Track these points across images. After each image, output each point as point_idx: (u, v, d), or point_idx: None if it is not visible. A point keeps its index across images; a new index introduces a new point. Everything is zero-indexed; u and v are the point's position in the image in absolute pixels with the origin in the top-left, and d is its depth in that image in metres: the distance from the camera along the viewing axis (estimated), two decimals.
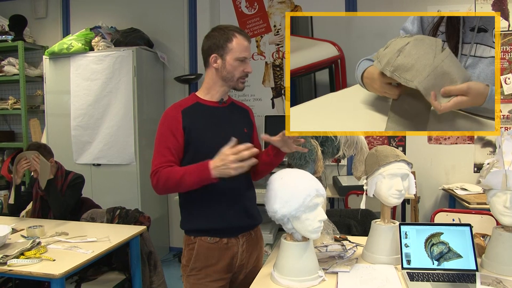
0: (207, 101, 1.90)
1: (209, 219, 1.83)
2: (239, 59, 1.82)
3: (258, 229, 2.02)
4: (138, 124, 4.18)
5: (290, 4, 4.39)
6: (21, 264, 2.06)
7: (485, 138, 3.97)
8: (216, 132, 1.84)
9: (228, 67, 1.83)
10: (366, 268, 1.80)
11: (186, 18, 4.63)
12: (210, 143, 1.79)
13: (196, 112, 1.85)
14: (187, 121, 1.81)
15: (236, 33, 1.83)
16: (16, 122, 5.13)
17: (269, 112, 4.38)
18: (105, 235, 2.50)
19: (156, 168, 1.77)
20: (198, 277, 1.84)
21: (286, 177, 1.66)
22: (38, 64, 4.90)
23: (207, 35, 1.88)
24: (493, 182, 1.73)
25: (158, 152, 1.80)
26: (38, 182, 2.96)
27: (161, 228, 4.69)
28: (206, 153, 1.75)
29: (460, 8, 3.93)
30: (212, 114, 1.88)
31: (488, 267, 1.76)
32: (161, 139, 1.81)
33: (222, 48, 1.82)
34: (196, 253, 1.83)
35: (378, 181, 1.84)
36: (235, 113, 1.99)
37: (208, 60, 1.86)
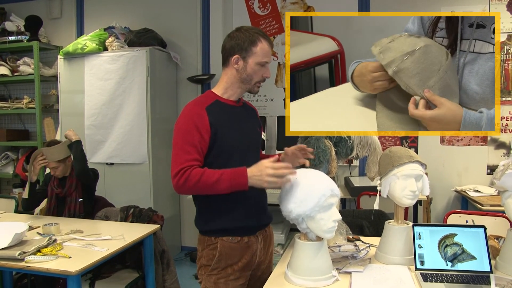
0: (226, 99, 1.88)
1: (232, 218, 1.83)
2: (261, 63, 1.81)
3: (270, 226, 2.05)
4: (151, 123, 4.21)
5: (303, 5, 4.40)
6: (38, 261, 2.10)
7: (499, 139, 3.95)
8: (238, 131, 1.85)
9: (248, 70, 1.81)
10: (380, 269, 1.80)
11: (199, 18, 4.66)
12: (233, 142, 1.81)
13: (219, 110, 1.82)
14: (212, 118, 1.77)
15: (261, 37, 1.81)
16: (30, 121, 5.20)
17: (282, 113, 4.37)
18: (119, 233, 2.52)
19: (183, 167, 1.69)
20: (219, 276, 1.85)
21: (301, 177, 1.67)
22: (53, 64, 4.95)
23: (231, 35, 1.85)
24: (508, 184, 1.73)
25: (182, 149, 1.73)
26: (54, 180, 3.00)
27: (173, 227, 4.71)
28: (229, 152, 1.78)
29: (473, 8, 3.91)
30: (233, 113, 1.88)
31: (502, 269, 1.75)
32: (185, 136, 1.74)
33: (246, 50, 1.80)
34: (219, 253, 1.84)
35: (392, 181, 1.85)
36: (249, 112, 2.01)
37: (229, 59, 1.83)
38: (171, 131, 1.77)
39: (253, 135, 1.90)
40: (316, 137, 1.95)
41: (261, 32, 1.84)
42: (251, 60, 1.80)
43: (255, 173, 1.65)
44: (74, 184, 2.99)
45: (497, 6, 3.88)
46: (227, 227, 1.84)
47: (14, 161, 5.05)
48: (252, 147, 1.93)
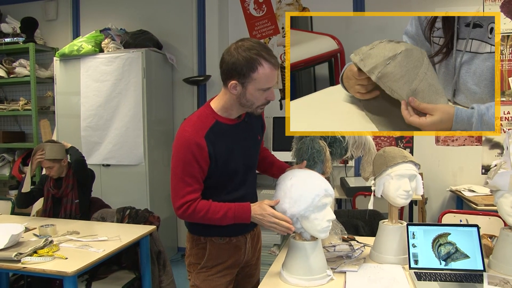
0: (226, 119, 1.77)
1: (223, 228, 1.78)
2: (264, 88, 1.65)
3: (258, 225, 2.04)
4: (147, 125, 4.21)
5: (298, 6, 4.41)
6: (34, 262, 2.10)
7: (493, 139, 3.97)
8: (239, 150, 1.79)
9: (248, 96, 1.65)
10: (374, 268, 1.82)
11: (194, 20, 4.67)
12: (234, 165, 1.78)
13: (218, 134, 1.72)
14: (211, 147, 1.69)
15: (262, 60, 1.59)
16: (26, 123, 5.20)
17: (277, 114, 4.39)
18: (116, 234, 2.53)
19: (187, 201, 1.68)
20: (208, 273, 1.86)
21: (295, 177, 1.69)
22: (49, 66, 4.95)
23: (229, 51, 1.64)
24: (500, 183, 1.75)
25: (183, 181, 1.68)
26: (50, 181, 3.01)
27: (169, 228, 4.72)
28: (229, 175, 1.79)
29: (467, 9, 3.93)
30: (233, 132, 1.78)
31: (495, 268, 1.77)
32: (185, 167, 1.67)
33: (244, 76, 1.61)
34: (209, 252, 1.85)
35: (386, 181, 1.86)
36: (252, 122, 1.89)
37: (227, 82, 1.66)
38: (167, 132, 1.77)
39: (253, 149, 1.90)
40: (310, 137, 1.96)
41: (264, 51, 1.61)
42: (251, 86, 1.63)
43: (257, 214, 1.69)
44: (71, 185, 3.00)
45: (491, 7, 3.91)
46: (215, 229, 1.81)
47: (10, 163, 5.05)
48: (252, 163, 1.92)
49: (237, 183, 1.83)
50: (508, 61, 3.83)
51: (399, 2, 4.10)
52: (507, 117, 3.88)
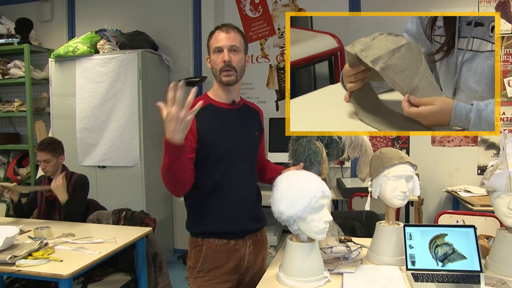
0: (220, 102, 1.87)
1: (218, 223, 1.81)
2: (215, 50, 1.81)
3: (263, 231, 2.03)
4: (143, 126, 4.20)
5: (294, 7, 4.41)
6: (29, 265, 2.08)
7: (489, 140, 3.98)
8: (230, 135, 1.83)
9: (212, 64, 1.84)
10: (371, 269, 1.81)
11: (190, 21, 4.66)
12: (223, 146, 1.79)
13: (209, 114, 1.80)
14: (200, 124, 1.76)
15: (216, 30, 1.83)
16: (21, 124, 5.17)
17: (273, 115, 4.39)
18: (111, 236, 2.52)
19: None
20: (205, 278, 1.83)
21: (292, 178, 1.68)
22: (44, 67, 4.93)
23: None
24: (497, 184, 1.75)
25: None
26: (44, 183, 2.99)
27: (166, 230, 4.70)
28: (219, 156, 1.77)
29: (463, 10, 3.92)
30: (225, 116, 1.85)
31: (492, 268, 1.77)
32: None
33: (208, 48, 1.85)
34: (204, 255, 1.83)
35: (383, 182, 1.86)
36: (248, 115, 1.97)
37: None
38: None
39: (247, 140, 1.88)
40: (307, 138, 1.95)
41: (222, 25, 1.84)
42: (211, 54, 1.83)
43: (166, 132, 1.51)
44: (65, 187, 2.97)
45: (486, 7, 3.91)
46: (213, 230, 1.82)
47: (5, 164, 5.02)
48: (244, 152, 1.88)
49: (224, 168, 1.80)
50: (503, 62, 3.84)
51: (395, 2, 4.11)
52: (502, 118, 3.89)
